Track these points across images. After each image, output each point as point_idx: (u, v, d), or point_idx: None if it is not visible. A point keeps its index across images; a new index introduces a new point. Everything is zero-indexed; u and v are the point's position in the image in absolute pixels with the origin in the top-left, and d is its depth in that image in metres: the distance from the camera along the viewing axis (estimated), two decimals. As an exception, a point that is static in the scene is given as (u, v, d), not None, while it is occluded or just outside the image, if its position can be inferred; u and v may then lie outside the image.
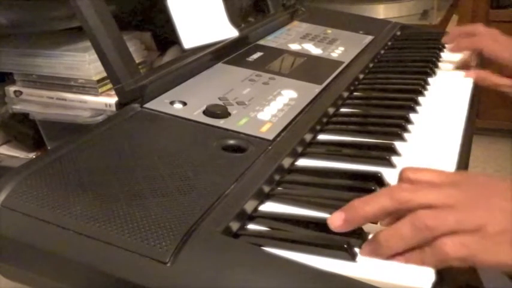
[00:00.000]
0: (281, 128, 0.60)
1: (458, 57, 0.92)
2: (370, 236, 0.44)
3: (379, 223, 0.46)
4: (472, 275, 0.57)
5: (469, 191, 0.43)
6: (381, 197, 0.43)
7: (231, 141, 0.56)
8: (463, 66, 0.89)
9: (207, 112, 0.61)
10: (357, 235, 0.43)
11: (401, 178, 0.46)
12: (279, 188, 0.53)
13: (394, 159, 0.57)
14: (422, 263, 0.40)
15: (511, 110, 2.25)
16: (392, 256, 0.41)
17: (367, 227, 0.45)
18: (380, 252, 0.41)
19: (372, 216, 0.43)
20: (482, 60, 0.89)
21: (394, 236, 0.41)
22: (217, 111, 0.61)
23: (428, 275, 0.39)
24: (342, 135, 0.64)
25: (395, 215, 0.43)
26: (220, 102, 0.64)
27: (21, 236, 0.44)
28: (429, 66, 0.87)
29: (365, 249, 0.42)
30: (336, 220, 0.43)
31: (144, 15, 0.89)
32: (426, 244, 0.40)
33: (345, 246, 0.41)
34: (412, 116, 0.68)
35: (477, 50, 0.86)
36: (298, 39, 0.93)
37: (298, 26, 1.02)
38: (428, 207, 0.41)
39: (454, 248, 0.39)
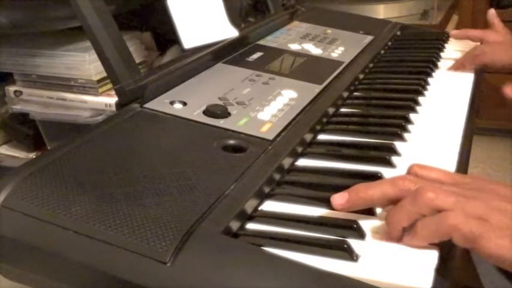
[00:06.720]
0: (281, 128, 0.60)
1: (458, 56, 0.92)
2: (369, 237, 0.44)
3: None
4: (472, 276, 0.57)
5: (471, 191, 0.43)
6: (384, 184, 0.45)
7: (231, 141, 0.56)
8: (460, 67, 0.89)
9: (207, 112, 0.61)
10: (357, 233, 0.44)
11: (409, 173, 0.48)
12: (279, 188, 0.53)
13: (394, 159, 0.57)
14: (427, 236, 0.41)
15: (511, 110, 2.25)
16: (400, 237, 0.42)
17: (367, 227, 0.45)
18: (388, 231, 0.43)
19: (372, 200, 0.45)
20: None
21: (396, 211, 0.43)
22: (217, 111, 0.61)
23: (429, 275, 0.39)
24: (342, 135, 0.64)
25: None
26: (220, 102, 0.64)
27: (21, 236, 0.44)
28: (429, 66, 0.87)
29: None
30: (339, 199, 0.46)
31: (144, 15, 0.89)
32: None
33: (345, 246, 0.41)
34: (412, 116, 0.68)
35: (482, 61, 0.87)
36: (298, 39, 0.93)
37: (298, 26, 1.02)
38: None
39: (460, 221, 0.40)
